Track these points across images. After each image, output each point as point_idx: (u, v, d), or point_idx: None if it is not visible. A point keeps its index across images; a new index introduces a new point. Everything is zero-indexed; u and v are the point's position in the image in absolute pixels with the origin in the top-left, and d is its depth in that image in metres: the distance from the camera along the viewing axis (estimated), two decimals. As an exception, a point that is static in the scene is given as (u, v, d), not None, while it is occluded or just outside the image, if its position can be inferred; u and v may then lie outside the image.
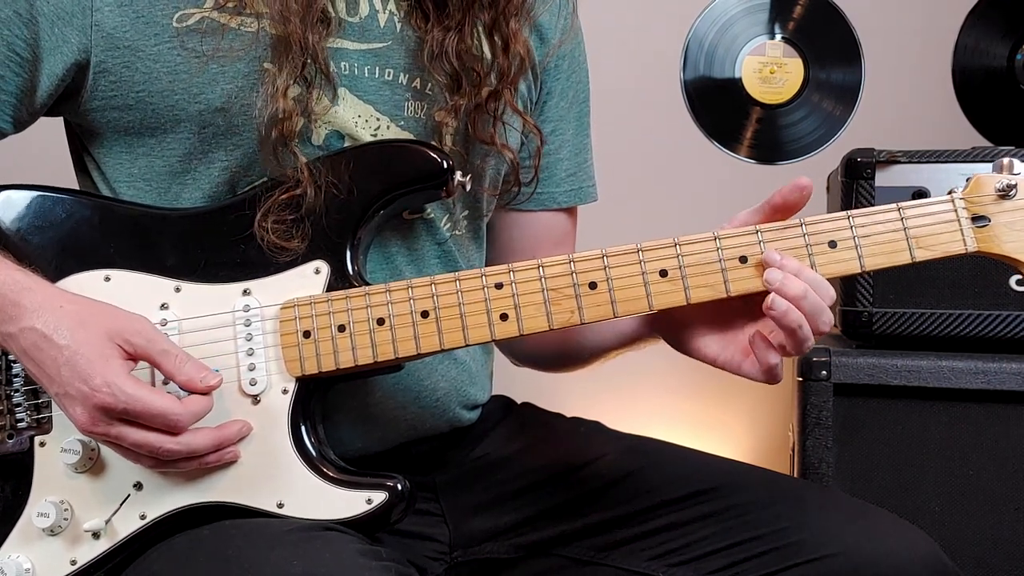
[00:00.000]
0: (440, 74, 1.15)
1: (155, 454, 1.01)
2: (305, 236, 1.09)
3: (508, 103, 1.18)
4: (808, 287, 1.01)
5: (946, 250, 1.04)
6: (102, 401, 0.98)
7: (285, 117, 1.07)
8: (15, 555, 1.07)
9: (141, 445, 1.00)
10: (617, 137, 1.97)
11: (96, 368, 0.98)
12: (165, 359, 1.02)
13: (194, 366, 1.03)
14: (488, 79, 1.16)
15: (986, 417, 1.56)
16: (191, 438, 1.02)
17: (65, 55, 1.10)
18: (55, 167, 1.31)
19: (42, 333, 1.00)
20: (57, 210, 1.11)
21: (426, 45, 1.14)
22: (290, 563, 0.94)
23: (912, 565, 1.08)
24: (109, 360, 0.99)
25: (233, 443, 1.05)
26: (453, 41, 1.14)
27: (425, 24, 1.15)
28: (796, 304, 1.01)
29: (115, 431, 1.00)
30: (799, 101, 1.63)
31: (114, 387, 0.98)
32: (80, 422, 1.00)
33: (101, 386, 0.98)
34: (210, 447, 1.03)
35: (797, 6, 1.62)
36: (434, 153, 1.12)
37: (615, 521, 1.20)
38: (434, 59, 1.14)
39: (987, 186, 1.04)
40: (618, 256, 1.06)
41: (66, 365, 0.99)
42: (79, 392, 0.99)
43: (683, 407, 2.30)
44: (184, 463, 1.03)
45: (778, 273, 1.02)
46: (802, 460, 1.59)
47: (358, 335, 1.07)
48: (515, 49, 1.17)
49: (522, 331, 1.06)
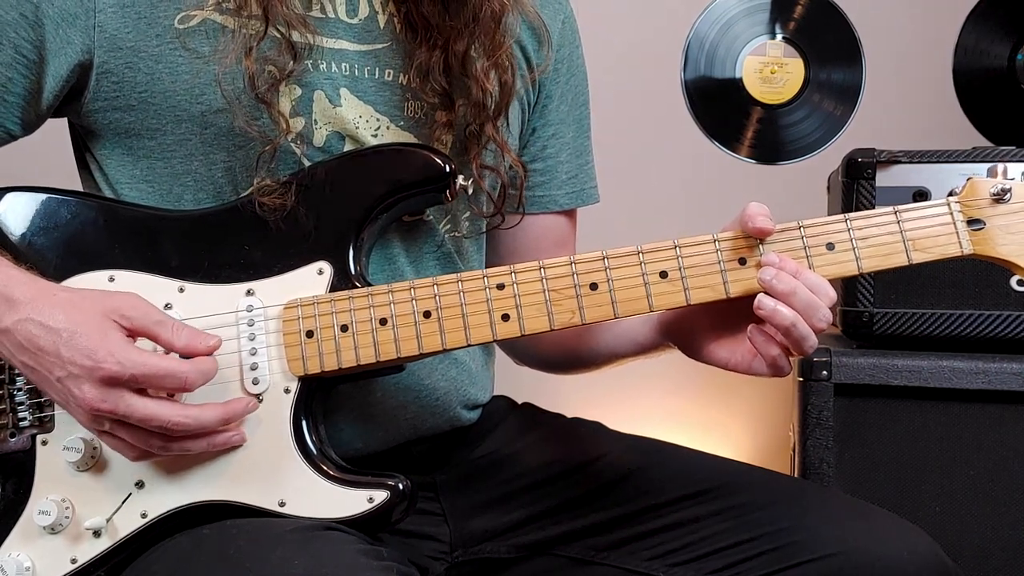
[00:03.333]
0: (430, 93, 1.15)
1: (164, 427, 1.00)
2: (309, 215, 1.09)
3: (492, 137, 1.18)
4: (799, 284, 1.02)
5: (942, 253, 1.05)
6: (109, 371, 0.98)
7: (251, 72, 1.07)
8: (16, 553, 1.08)
9: (150, 418, 0.99)
10: (617, 137, 1.97)
11: (97, 342, 0.98)
12: (162, 329, 1.02)
13: (190, 332, 1.03)
14: (471, 107, 1.17)
15: (986, 417, 1.56)
16: (199, 411, 1.02)
17: (68, 56, 1.10)
18: (58, 168, 1.31)
19: (38, 322, 1.00)
20: (61, 212, 1.12)
21: (415, 61, 1.15)
22: (291, 563, 0.94)
23: (912, 565, 1.08)
24: (108, 333, 0.99)
25: (240, 419, 1.05)
26: (439, 60, 1.14)
27: (415, 39, 1.16)
28: (786, 301, 1.01)
29: (124, 404, 0.99)
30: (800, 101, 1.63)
31: (119, 355, 0.98)
32: (87, 400, 0.99)
33: (106, 357, 0.98)
34: (218, 421, 1.03)
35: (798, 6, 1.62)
36: (437, 157, 1.12)
37: (615, 521, 1.20)
38: (423, 76, 1.15)
39: (982, 190, 1.05)
40: (619, 258, 1.06)
41: (66, 345, 0.98)
42: (83, 368, 0.98)
43: (683, 407, 2.30)
44: (192, 442, 1.03)
45: (770, 271, 1.03)
46: (802, 460, 1.59)
47: (360, 335, 1.07)
48: (492, 87, 1.17)
49: (523, 331, 1.06)
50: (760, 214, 1.04)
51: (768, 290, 1.02)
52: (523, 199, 1.28)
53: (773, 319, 1.02)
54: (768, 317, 1.02)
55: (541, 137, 1.32)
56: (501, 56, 1.17)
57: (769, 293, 1.02)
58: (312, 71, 1.13)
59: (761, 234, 1.04)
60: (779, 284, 1.02)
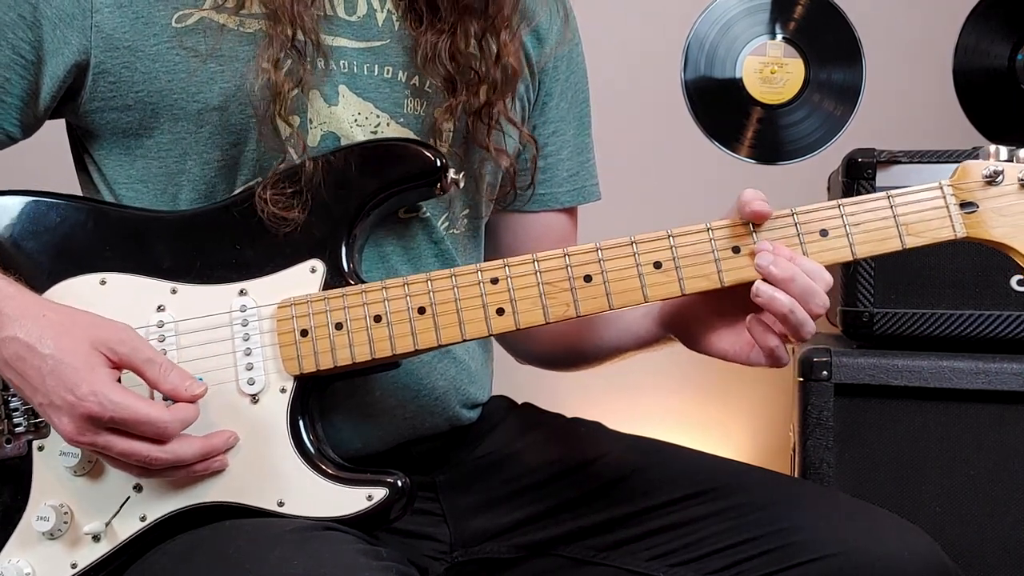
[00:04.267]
0: (435, 77, 1.15)
1: (143, 463, 1.00)
2: (305, 207, 1.09)
3: (502, 113, 1.18)
4: (797, 269, 1.02)
5: (935, 236, 1.05)
6: (88, 410, 0.97)
7: (279, 90, 1.07)
8: (15, 559, 1.07)
9: (128, 455, 0.99)
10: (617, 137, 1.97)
11: (82, 377, 0.97)
12: (150, 368, 1.01)
13: (179, 375, 1.02)
14: (482, 85, 1.16)
15: (986, 417, 1.56)
16: (178, 447, 1.01)
17: (66, 57, 1.10)
18: (56, 169, 1.31)
19: (25, 343, 0.99)
20: (51, 215, 1.11)
21: (420, 47, 1.15)
22: (291, 563, 0.94)
23: (912, 565, 1.08)
24: (95, 369, 0.98)
25: (220, 452, 1.05)
26: (446, 44, 1.14)
27: (419, 26, 1.15)
28: (785, 288, 1.01)
29: (102, 440, 0.98)
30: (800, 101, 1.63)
31: (101, 395, 0.97)
32: (66, 432, 0.98)
33: (87, 395, 0.97)
34: (197, 456, 1.02)
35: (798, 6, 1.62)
36: (427, 151, 1.12)
37: (615, 521, 1.20)
38: (428, 62, 1.14)
39: (974, 173, 1.05)
40: (612, 249, 1.06)
41: (51, 375, 0.98)
42: (64, 402, 0.97)
43: (683, 407, 2.30)
44: (172, 472, 1.03)
45: (767, 256, 1.02)
46: (803, 460, 1.59)
47: (355, 332, 1.07)
48: (505, 61, 1.17)
49: (518, 325, 1.06)
50: (756, 198, 1.04)
51: (766, 276, 1.02)
52: (535, 177, 1.28)
53: (771, 306, 1.02)
54: (766, 304, 1.02)
55: (542, 135, 1.32)
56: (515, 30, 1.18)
57: (767, 279, 1.02)
58: (311, 69, 1.13)
59: (758, 218, 1.04)
60: (776, 270, 1.02)
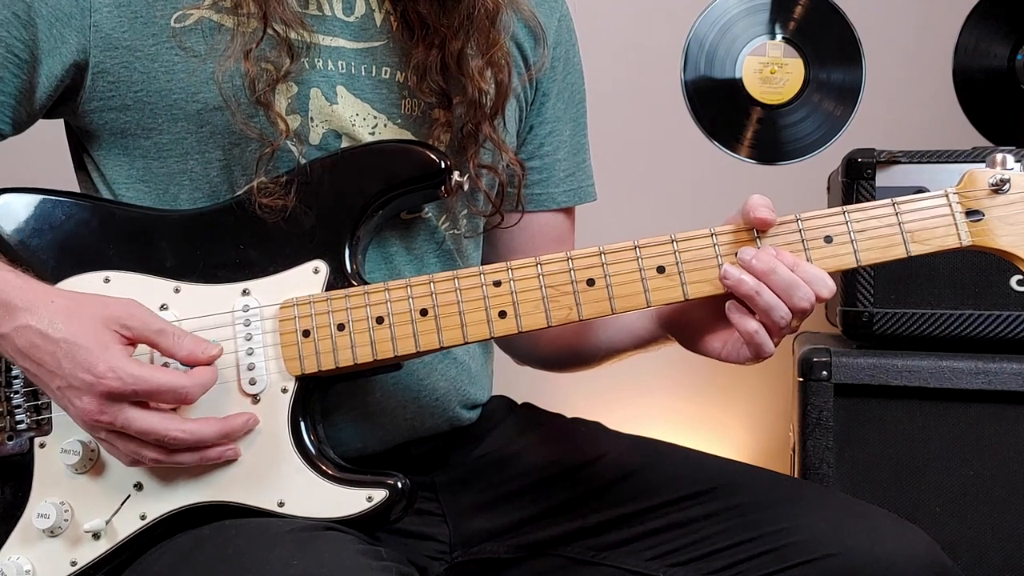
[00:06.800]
0: (427, 92, 1.15)
1: (162, 441, 1.01)
2: (308, 207, 1.09)
3: (488, 137, 1.18)
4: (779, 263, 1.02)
5: (941, 244, 1.05)
6: (109, 387, 0.98)
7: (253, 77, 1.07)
8: (15, 556, 1.07)
9: (148, 432, 1.00)
10: (617, 137, 1.97)
11: (97, 356, 0.98)
12: (162, 338, 1.02)
13: (192, 340, 1.03)
14: (470, 104, 1.16)
15: (986, 417, 1.56)
16: (196, 426, 1.02)
17: (64, 56, 1.10)
18: (55, 169, 1.31)
19: (37, 330, 1.00)
20: (56, 213, 1.11)
21: (412, 60, 1.15)
22: (291, 563, 0.94)
23: (912, 565, 1.08)
24: (108, 346, 0.99)
25: (238, 435, 1.05)
26: (436, 59, 1.14)
27: (411, 39, 1.15)
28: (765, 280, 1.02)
29: (123, 417, 0.99)
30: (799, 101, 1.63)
31: (119, 371, 0.98)
32: (87, 412, 0.99)
33: (106, 372, 0.98)
34: (215, 437, 1.03)
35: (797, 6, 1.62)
36: (432, 153, 1.12)
37: (615, 521, 1.20)
38: (420, 75, 1.14)
39: (981, 181, 1.05)
40: (616, 253, 1.06)
41: (66, 357, 0.99)
42: (83, 383, 0.98)
43: (683, 407, 2.30)
44: (187, 455, 1.03)
45: (749, 251, 1.03)
46: (802, 460, 1.59)
47: (357, 334, 1.07)
48: (483, 86, 1.16)
49: (521, 328, 1.06)
50: (762, 205, 1.04)
51: (747, 268, 1.03)
52: (522, 198, 1.28)
53: (739, 289, 1.03)
54: (734, 287, 1.03)
55: (538, 135, 1.32)
56: (496, 55, 1.17)
57: (747, 271, 1.03)
58: (309, 69, 1.13)
59: (763, 225, 1.04)
60: (757, 263, 1.02)
